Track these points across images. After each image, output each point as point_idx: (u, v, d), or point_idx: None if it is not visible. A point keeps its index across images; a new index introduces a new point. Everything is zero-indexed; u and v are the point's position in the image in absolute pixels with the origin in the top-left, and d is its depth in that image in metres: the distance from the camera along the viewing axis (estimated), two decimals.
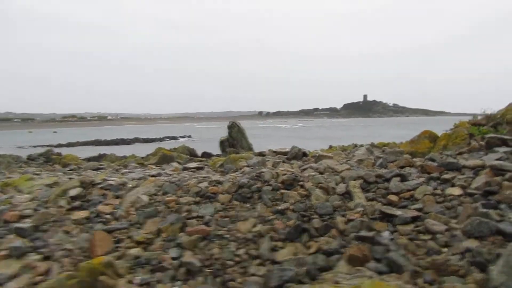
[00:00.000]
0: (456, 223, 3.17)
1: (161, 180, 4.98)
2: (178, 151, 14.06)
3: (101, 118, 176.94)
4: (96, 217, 4.13)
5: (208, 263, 3.30)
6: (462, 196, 3.55)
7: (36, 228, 3.86)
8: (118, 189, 4.81)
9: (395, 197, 3.78)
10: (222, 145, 15.94)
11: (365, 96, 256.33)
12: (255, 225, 3.73)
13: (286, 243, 3.45)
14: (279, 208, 3.90)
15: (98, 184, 4.95)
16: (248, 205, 4.08)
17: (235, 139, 16.04)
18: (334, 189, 4.16)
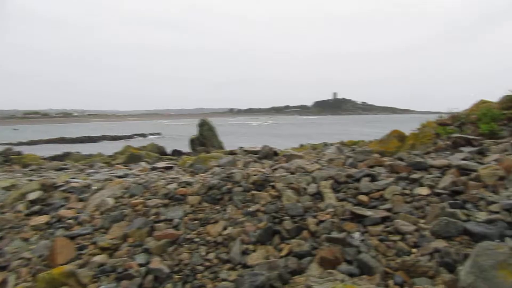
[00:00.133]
0: (425, 223, 3.22)
1: (128, 182, 4.80)
2: (147, 149, 13.76)
3: (67, 115, 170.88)
4: (57, 222, 3.93)
5: (177, 269, 3.20)
6: (430, 196, 3.60)
7: None
8: (82, 192, 4.60)
9: (365, 197, 3.79)
10: (193, 144, 15.73)
11: (335, 94, 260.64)
12: (226, 228, 3.65)
13: (257, 246, 3.39)
14: (250, 210, 3.82)
15: (60, 187, 4.72)
16: (218, 207, 3.98)
17: (206, 138, 15.88)
18: (305, 190, 4.13)
